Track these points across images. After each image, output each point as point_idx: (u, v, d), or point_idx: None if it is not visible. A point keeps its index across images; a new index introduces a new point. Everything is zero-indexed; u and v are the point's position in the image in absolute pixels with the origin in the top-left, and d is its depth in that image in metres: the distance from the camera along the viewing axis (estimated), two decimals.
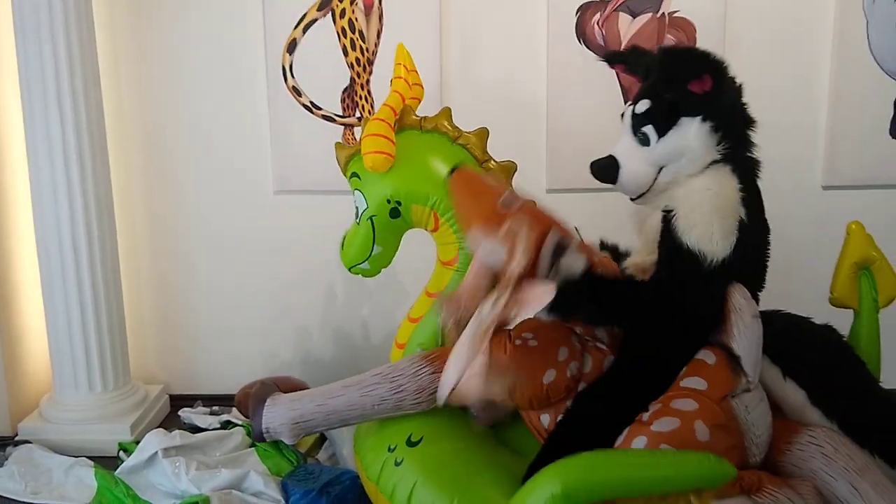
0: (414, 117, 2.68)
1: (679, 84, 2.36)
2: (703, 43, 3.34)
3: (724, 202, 2.30)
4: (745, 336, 2.27)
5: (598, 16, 3.35)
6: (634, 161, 2.44)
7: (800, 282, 3.29)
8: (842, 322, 2.61)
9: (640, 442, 2.15)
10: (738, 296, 2.29)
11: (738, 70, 3.31)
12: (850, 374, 2.44)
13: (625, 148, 2.47)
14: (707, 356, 2.31)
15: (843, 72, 3.40)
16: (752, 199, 2.37)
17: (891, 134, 3.45)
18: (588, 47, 3.37)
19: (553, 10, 3.37)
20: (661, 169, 2.42)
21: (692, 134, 2.36)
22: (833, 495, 2.22)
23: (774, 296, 2.56)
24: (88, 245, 3.27)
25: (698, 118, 2.35)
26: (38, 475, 3.08)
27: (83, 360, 3.35)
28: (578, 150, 3.08)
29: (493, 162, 2.68)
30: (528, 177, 2.84)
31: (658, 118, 2.39)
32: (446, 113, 2.70)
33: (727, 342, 2.29)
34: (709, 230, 2.27)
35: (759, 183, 2.51)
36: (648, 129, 2.40)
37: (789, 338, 2.46)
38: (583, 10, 3.36)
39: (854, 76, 3.40)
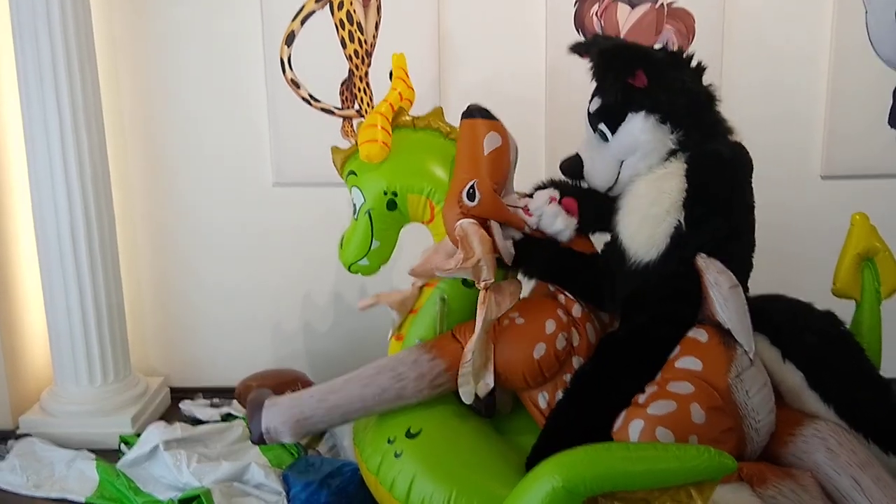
0: (406, 117, 2.75)
1: (615, 82, 2.42)
2: (701, 33, 3.35)
3: (658, 209, 2.36)
4: (727, 307, 2.30)
5: (596, 7, 3.35)
6: (596, 158, 2.55)
7: (798, 270, 3.30)
8: (842, 310, 2.62)
9: (636, 425, 2.18)
10: (713, 270, 2.32)
11: (736, 59, 3.35)
12: (849, 360, 2.46)
13: (587, 145, 2.58)
14: (699, 334, 2.34)
15: (842, 62, 3.39)
16: (706, 196, 2.37)
17: (890, 124, 3.45)
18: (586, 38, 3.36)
19: (552, 1, 3.36)
20: (622, 163, 2.49)
21: (639, 128, 2.42)
22: (835, 489, 2.24)
23: (773, 284, 2.58)
24: (87, 238, 3.27)
25: (642, 112, 2.41)
26: (40, 468, 3.09)
27: (83, 353, 3.35)
28: (577, 144, 3.07)
29: None
30: (527, 171, 2.86)
31: (607, 115, 2.47)
32: (438, 112, 2.79)
33: (713, 317, 2.31)
34: (636, 236, 2.39)
35: (757, 171, 2.51)
36: (602, 127, 2.49)
37: (790, 321, 2.48)
38: (581, 2, 3.35)
39: (853, 66, 3.39)
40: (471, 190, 2.54)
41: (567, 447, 2.03)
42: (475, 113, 2.63)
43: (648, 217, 2.36)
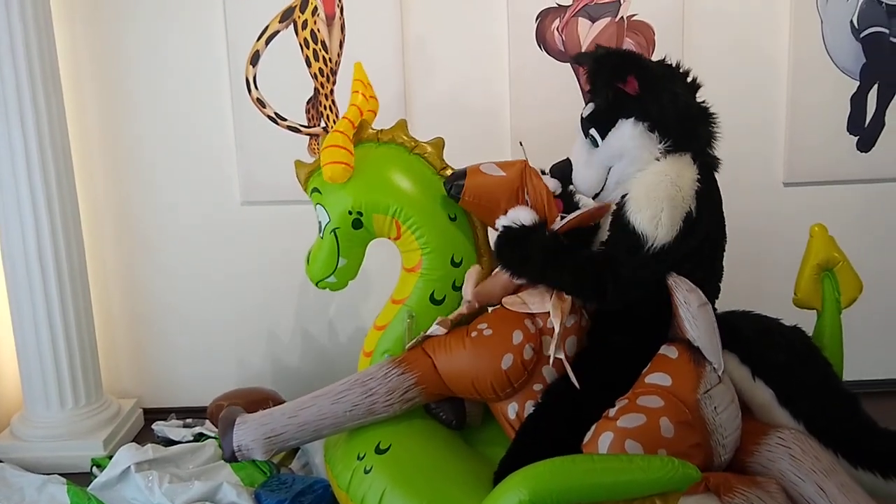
0: (370, 130, 2.75)
1: (607, 87, 2.45)
2: (661, 45, 3.38)
3: (677, 191, 2.35)
4: (696, 326, 2.32)
5: (557, 22, 3.38)
6: (585, 163, 2.55)
7: (762, 276, 3.36)
8: (803, 319, 2.66)
9: (606, 438, 2.20)
10: (683, 288, 2.34)
11: (697, 70, 3.37)
12: (817, 376, 2.50)
13: (578, 150, 2.58)
14: (670, 351, 2.37)
15: (800, 71, 3.44)
16: (707, 193, 2.42)
17: (849, 131, 3.50)
18: (548, 53, 3.40)
19: (513, 17, 3.39)
20: (609, 169, 2.51)
21: (627, 134, 2.44)
22: (800, 496, 2.27)
23: (737, 290, 2.62)
24: (55, 259, 3.25)
25: (632, 119, 2.43)
26: (11, 494, 3.06)
27: (53, 376, 3.33)
28: (543, 157, 3.10)
29: (450, 170, 2.75)
30: None
31: (599, 120, 2.49)
32: (402, 125, 2.78)
33: (683, 335, 2.34)
34: (656, 215, 2.33)
35: (721, 180, 2.56)
36: (593, 132, 2.50)
37: (759, 339, 2.51)
38: (542, 17, 3.38)
39: (811, 75, 3.44)
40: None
41: (535, 461, 2.05)
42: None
43: (670, 196, 2.35)
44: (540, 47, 3.40)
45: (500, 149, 3.49)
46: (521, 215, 2.51)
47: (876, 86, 3.47)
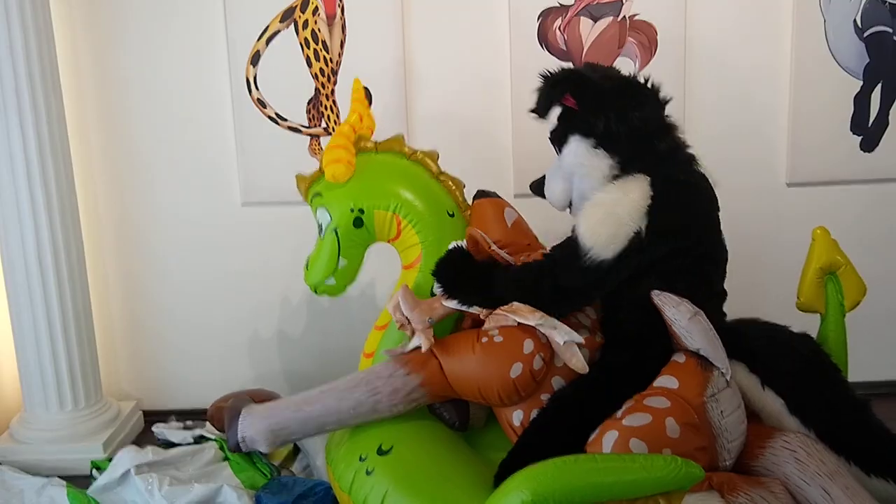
0: (368, 143, 2.80)
1: (543, 101, 2.53)
2: (663, 45, 3.38)
3: (623, 210, 2.37)
4: (692, 337, 2.33)
5: (559, 21, 3.37)
6: (554, 177, 2.63)
7: (765, 278, 3.34)
8: (807, 322, 2.65)
9: (611, 437, 2.19)
10: (669, 305, 2.35)
11: (698, 70, 3.39)
12: (827, 383, 2.49)
13: (552, 166, 2.66)
14: (679, 357, 2.37)
15: (803, 70, 3.42)
16: (673, 206, 2.41)
17: (852, 130, 3.49)
18: (550, 52, 3.39)
19: (515, 16, 3.38)
20: (573, 184, 2.56)
21: (574, 150, 2.51)
22: (805, 499, 2.26)
23: (741, 291, 2.61)
24: (55, 261, 3.24)
25: (577, 135, 2.49)
26: (10, 497, 3.05)
27: (53, 378, 3.31)
28: (544, 158, 3.10)
29: (444, 175, 2.83)
30: (496, 186, 2.90)
31: (556, 136, 2.59)
32: (399, 138, 2.85)
33: (684, 347, 2.33)
34: (598, 230, 2.38)
35: (724, 182, 2.56)
36: (556, 148, 2.59)
37: (766, 347, 2.50)
38: (544, 16, 3.37)
39: (814, 75, 3.43)
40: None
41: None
42: (491, 194, 2.82)
43: (612, 215, 2.37)
44: (542, 46, 3.40)
45: (500, 149, 3.49)
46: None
47: (879, 85, 3.46)
